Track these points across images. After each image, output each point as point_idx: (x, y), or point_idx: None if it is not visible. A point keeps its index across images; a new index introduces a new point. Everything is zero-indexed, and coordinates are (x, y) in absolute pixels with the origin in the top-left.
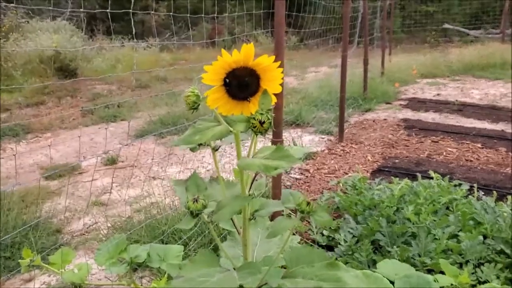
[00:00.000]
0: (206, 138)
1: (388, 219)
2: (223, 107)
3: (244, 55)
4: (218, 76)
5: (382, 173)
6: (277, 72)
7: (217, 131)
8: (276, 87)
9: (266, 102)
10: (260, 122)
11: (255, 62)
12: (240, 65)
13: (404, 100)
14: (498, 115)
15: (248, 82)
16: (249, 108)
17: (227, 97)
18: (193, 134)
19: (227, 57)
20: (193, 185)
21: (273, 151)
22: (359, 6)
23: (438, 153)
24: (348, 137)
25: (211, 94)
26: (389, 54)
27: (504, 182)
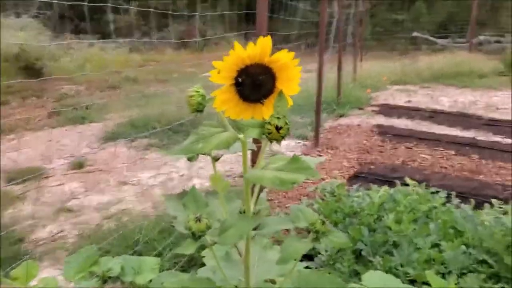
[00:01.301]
0: (211, 147)
1: (369, 227)
2: (233, 109)
3: (260, 49)
4: (229, 74)
5: (358, 179)
6: (296, 71)
7: (224, 138)
8: (294, 87)
9: (282, 105)
10: (277, 127)
11: (272, 58)
12: (255, 61)
13: (377, 106)
14: (469, 122)
15: (263, 82)
16: (262, 112)
17: (238, 98)
18: (195, 141)
19: (241, 51)
20: (192, 201)
21: (288, 162)
22: (334, 12)
23: (413, 160)
24: (323, 142)
25: (220, 94)
26: (360, 60)
27: (479, 190)
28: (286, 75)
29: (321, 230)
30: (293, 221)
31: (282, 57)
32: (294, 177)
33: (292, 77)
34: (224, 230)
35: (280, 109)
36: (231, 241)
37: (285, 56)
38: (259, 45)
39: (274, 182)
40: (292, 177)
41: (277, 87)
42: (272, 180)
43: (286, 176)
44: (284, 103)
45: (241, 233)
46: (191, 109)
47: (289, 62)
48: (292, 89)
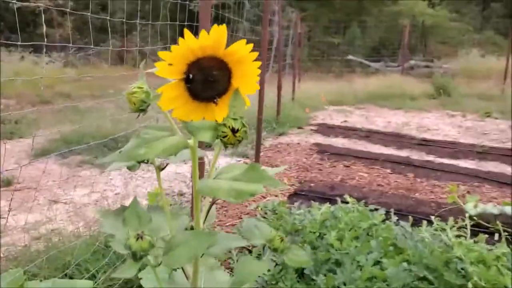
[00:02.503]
0: (156, 152)
1: (311, 245)
2: (181, 109)
3: (214, 40)
4: (177, 67)
5: (299, 197)
6: (254, 66)
7: (171, 143)
8: (251, 85)
9: (238, 105)
10: (233, 130)
11: (228, 50)
12: (208, 53)
13: (315, 125)
14: (402, 142)
15: (217, 77)
16: (215, 112)
17: (188, 96)
18: (137, 146)
19: (192, 40)
20: (134, 216)
21: (246, 170)
22: (274, 31)
23: (351, 178)
24: (264, 160)
25: (167, 91)
26: (298, 81)
27: (414, 207)
28: (243, 70)
29: (280, 247)
30: (247, 238)
31: (239, 49)
32: (253, 187)
33: (249, 73)
34: (171, 249)
35: (237, 109)
36: (180, 262)
37: (243, 48)
38: (213, 34)
39: (230, 194)
40: (251, 187)
41: (233, 84)
42: (227, 192)
43: (244, 187)
44: (241, 103)
45: (192, 252)
46: (132, 108)
47: (246, 55)
48: (250, 87)
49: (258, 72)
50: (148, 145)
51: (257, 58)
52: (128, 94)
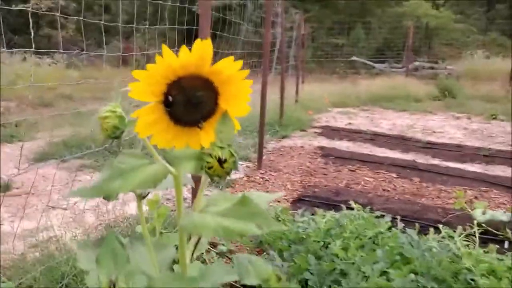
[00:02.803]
0: (132, 185)
1: (315, 255)
2: (161, 135)
3: (197, 56)
4: (155, 88)
5: (302, 203)
6: (244, 86)
7: (150, 173)
8: (242, 107)
9: (227, 130)
10: (220, 160)
11: (213, 68)
12: (191, 71)
13: (319, 128)
14: (408, 146)
15: (201, 99)
16: (200, 139)
17: (168, 120)
18: (111, 178)
19: (171, 58)
20: (108, 255)
21: (236, 204)
22: (276, 33)
23: (356, 183)
24: (266, 164)
25: (144, 115)
26: (302, 82)
27: (421, 213)
28: (232, 90)
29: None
30: (241, 277)
31: (226, 67)
32: (243, 226)
33: (239, 93)
34: None
35: (224, 135)
36: None
37: (230, 66)
38: (196, 50)
39: (217, 232)
40: (240, 226)
41: (221, 106)
42: (214, 230)
43: (233, 225)
44: (230, 128)
45: None
46: (104, 135)
47: (235, 74)
48: (240, 109)
49: (249, 92)
50: (124, 177)
51: (259, 60)
52: (99, 119)
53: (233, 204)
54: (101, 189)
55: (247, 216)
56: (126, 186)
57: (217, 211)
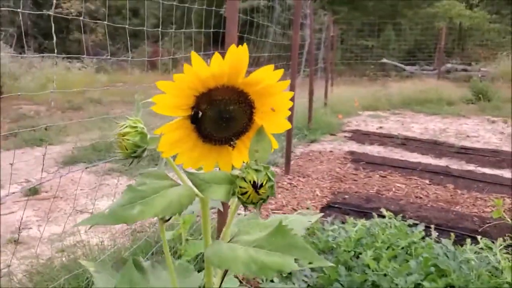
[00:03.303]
0: (153, 212)
1: (346, 265)
2: (188, 154)
3: (231, 65)
4: (182, 101)
5: (332, 210)
6: (283, 98)
7: (174, 198)
8: (281, 123)
9: (263, 149)
10: (255, 185)
11: (249, 79)
12: (223, 83)
13: (348, 132)
14: (441, 151)
15: (234, 113)
16: (231, 159)
17: (196, 137)
18: (129, 204)
19: (201, 67)
20: (127, 283)
21: (271, 233)
22: (305, 35)
23: (387, 189)
24: (294, 169)
25: (169, 132)
26: (331, 85)
27: (456, 222)
28: (270, 104)
29: None
30: None
31: (265, 77)
32: (279, 261)
33: (278, 107)
34: None
35: (260, 155)
36: None
37: (269, 76)
38: (230, 59)
39: (249, 268)
40: (276, 261)
41: (256, 121)
42: (246, 264)
43: (269, 260)
44: (266, 146)
45: None
46: (123, 154)
47: (274, 85)
48: (278, 125)
49: (290, 105)
50: (145, 202)
51: (287, 62)
52: (118, 135)
53: (268, 233)
54: (119, 216)
55: (284, 248)
56: (147, 212)
57: (249, 241)
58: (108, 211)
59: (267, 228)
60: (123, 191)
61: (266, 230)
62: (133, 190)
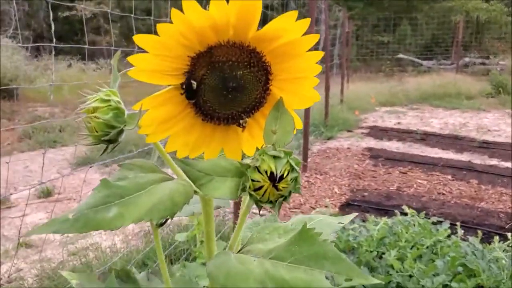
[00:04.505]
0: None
1: (368, 266)
2: (183, 138)
3: (238, 12)
4: (171, 64)
5: (351, 208)
6: (311, 59)
7: (164, 197)
8: (307, 93)
9: (283, 129)
10: (272, 177)
11: (263, 32)
12: (227, 37)
13: (366, 128)
14: (462, 145)
15: (244, 81)
16: (241, 143)
17: (193, 115)
18: (103, 205)
19: (197, 14)
20: None
21: (293, 240)
22: (320, 30)
23: (408, 186)
24: (312, 166)
25: (154, 107)
26: (347, 81)
27: (482, 218)
28: (292, 68)
29: None
30: None
31: (284, 29)
32: (306, 278)
33: (302, 72)
34: None
35: (280, 137)
36: None
37: (291, 27)
38: (237, 2)
39: (264, 285)
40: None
41: (273, 92)
42: (261, 283)
43: (290, 276)
44: (287, 125)
45: None
46: (93, 138)
47: (297, 40)
48: (304, 97)
49: (318, 71)
50: (124, 202)
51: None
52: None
53: (290, 240)
54: (88, 221)
55: (311, 260)
56: (127, 216)
57: (265, 250)
58: (74, 214)
59: (288, 233)
60: (95, 187)
61: (287, 236)
62: (109, 186)
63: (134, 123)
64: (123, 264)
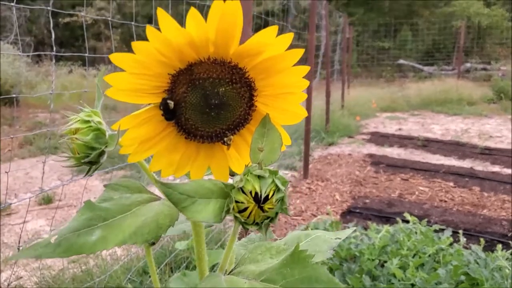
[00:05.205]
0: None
1: (370, 275)
2: (166, 158)
3: (217, 27)
4: (150, 82)
5: (353, 215)
6: (296, 75)
7: (148, 219)
8: (293, 110)
9: (270, 146)
10: (257, 197)
11: (244, 48)
12: (207, 54)
13: (367, 134)
14: (464, 152)
15: (226, 98)
16: (227, 161)
17: (176, 133)
18: (87, 228)
19: (173, 30)
20: None
21: (285, 261)
22: (321, 36)
23: (410, 193)
24: (313, 173)
25: (135, 126)
26: (347, 87)
27: (484, 226)
28: (277, 83)
29: None
30: None
31: (266, 44)
32: None
33: (288, 87)
34: None
35: (266, 155)
36: None
37: (273, 42)
38: (216, 18)
39: None
40: None
41: (259, 108)
42: None
43: None
44: (274, 142)
45: None
46: (74, 159)
47: (281, 55)
48: (291, 113)
49: (305, 86)
50: (108, 225)
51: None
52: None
53: (282, 262)
54: (70, 245)
55: (303, 283)
56: (110, 240)
57: (256, 272)
58: (56, 238)
59: (280, 253)
60: (79, 209)
61: (280, 256)
62: (92, 209)
63: (114, 143)
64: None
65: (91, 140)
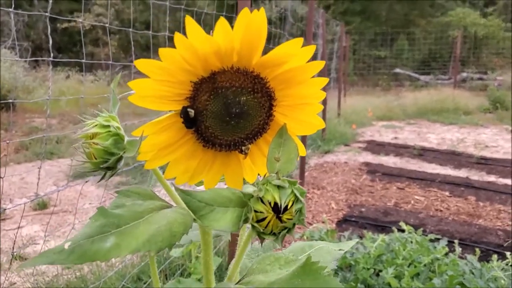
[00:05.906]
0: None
1: (365, 283)
2: (183, 165)
3: (242, 38)
4: (173, 89)
5: (348, 223)
6: (315, 86)
7: (162, 227)
8: (311, 120)
9: (287, 157)
10: (276, 208)
11: (267, 58)
12: (231, 63)
13: (363, 143)
14: (459, 161)
15: (247, 108)
16: (242, 170)
17: (194, 141)
18: (100, 235)
19: (200, 39)
20: None
21: (296, 272)
22: (318, 45)
23: (406, 202)
24: (309, 181)
25: (155, 133)
26: (344, 95)
27: (479, 236)
28: (296, 94)
29: None
30: None
31: (289, 55)
32: None
33: (306, 98)
34: None
35: (283, 165)
36: None
37: (296, 53)
38: (242, 28)
39: None
40: None
41: (277, 119)
42: None
43: None
44: (291, 153)
45: None
46: (91, 164)
47: (302, 67)
48: (308, 124)
49: (322, 97)
50: (121, 232)
51: None
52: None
53: (293, 273)
54: (84, 252)
55: None
56: (124, 247)
57: (266, 282)
58: (70, 245)
59: (289, 264)
60: (92, 216)
61: (288, 267)
62: (106, 215)
63: (134, 149)
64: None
65: (110, 145)
